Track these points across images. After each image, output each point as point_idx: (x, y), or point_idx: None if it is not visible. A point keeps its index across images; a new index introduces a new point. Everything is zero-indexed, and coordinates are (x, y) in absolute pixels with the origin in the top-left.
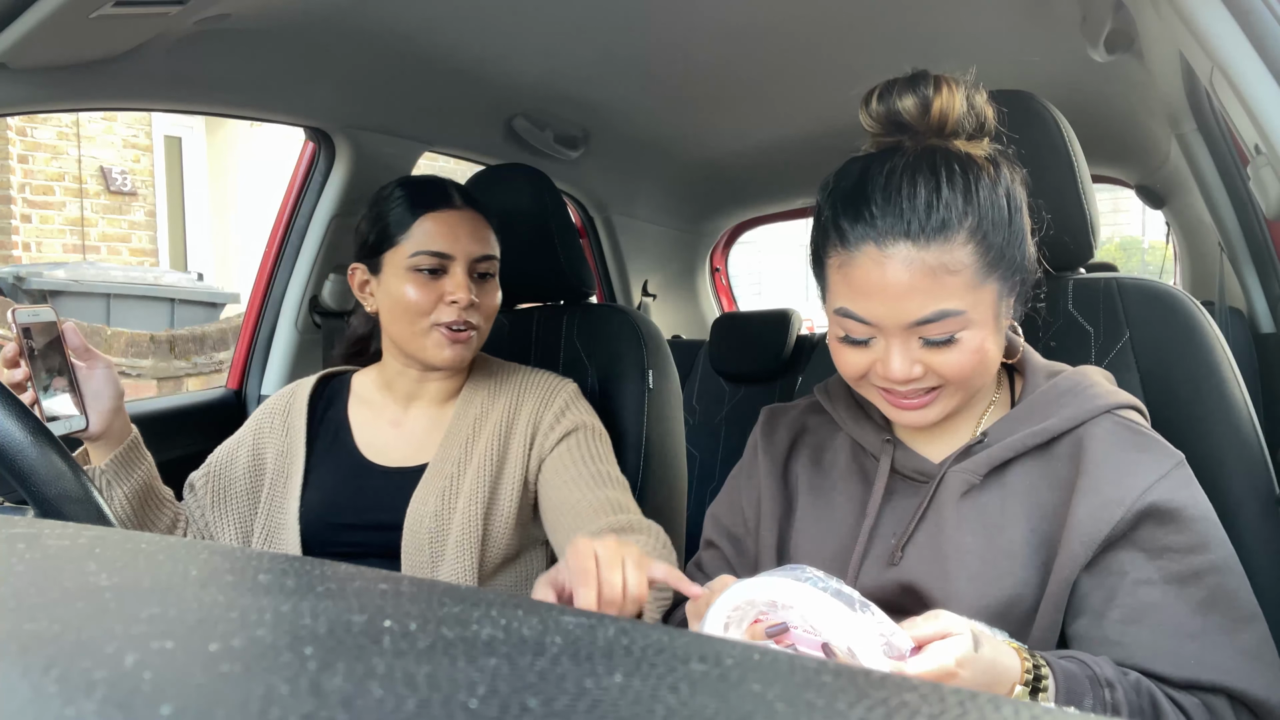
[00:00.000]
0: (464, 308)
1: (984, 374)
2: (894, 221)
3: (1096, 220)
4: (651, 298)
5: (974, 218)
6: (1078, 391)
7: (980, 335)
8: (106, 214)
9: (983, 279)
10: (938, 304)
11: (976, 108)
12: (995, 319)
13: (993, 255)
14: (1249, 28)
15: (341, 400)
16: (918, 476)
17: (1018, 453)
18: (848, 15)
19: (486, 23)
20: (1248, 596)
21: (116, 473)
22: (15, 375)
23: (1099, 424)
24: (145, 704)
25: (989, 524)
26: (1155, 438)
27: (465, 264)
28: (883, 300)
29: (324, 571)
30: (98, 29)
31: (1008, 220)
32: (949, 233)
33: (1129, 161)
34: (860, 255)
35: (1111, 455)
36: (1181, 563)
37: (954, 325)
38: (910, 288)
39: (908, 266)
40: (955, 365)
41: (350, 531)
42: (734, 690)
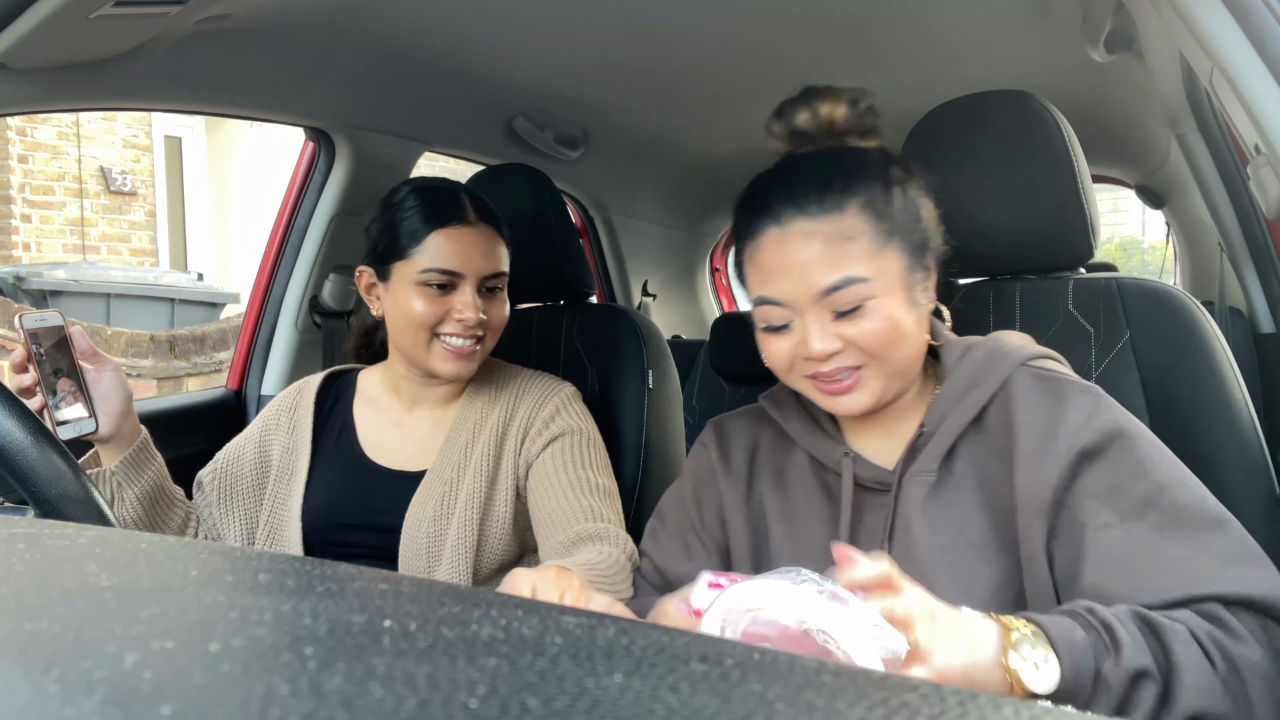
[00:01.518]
0: (474, 325)
1: (902, 349)
2: (790, 203)
3: (1096, 220)
4: (651, 298)
5: (864, 194)
6: (993, 356)
7: (889, 304)
8: (106, 214)
9: (882, 245)
10: (841, 271)
11: (861, 109)
12: (905, 291)
13: (888, 224)
14: (1249, 28)
15: (347, 399)
16: (878, 486)
17: (957, 435)
18: (848, 16)
19: (486, 23)
20: (1206, 504)
21: (127, 474)
22: (24, 380)
23: (1015, 382)
24: (145, 704)
25: (954, 519)
26: (1067, 379)
27: (475, 281)
28: (788, 276)
29: (324, 571)
30: (98, 29)
31: (901, 198)
32: (841, 204)
33: (1129, 161)
34: (765, 239)
35: (1033, 412)
36: (1132, 494)
37: (861, 291)
38: (813, 258)
39: (807, 239)
40: (870, 335)
41: (351, 531)
42: (734, 690)
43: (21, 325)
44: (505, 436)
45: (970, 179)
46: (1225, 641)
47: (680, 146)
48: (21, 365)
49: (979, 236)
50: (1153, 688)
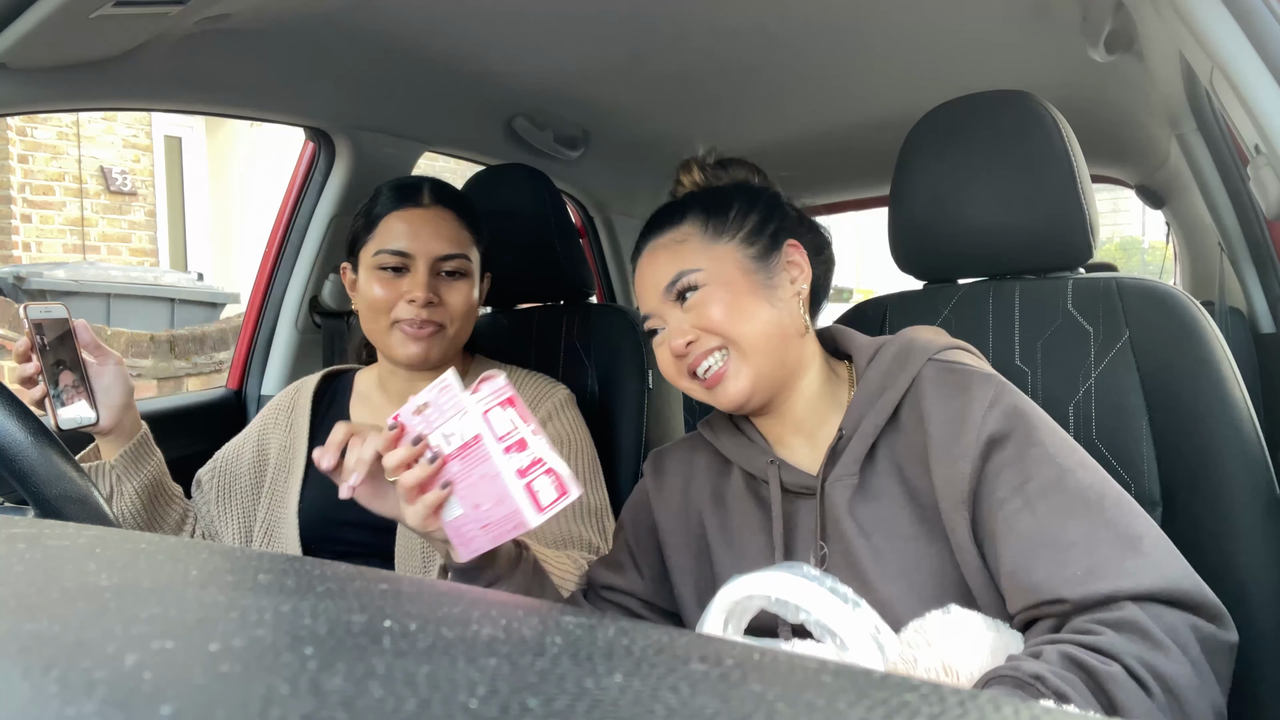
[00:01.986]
0: (421, 306)
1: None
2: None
3: (1096, 220)
4: None
5: (696, 209)
6: (902, 354)
7: (724, 288)
8: (106, 214)
9: (712, 242)
10: (676, 267)
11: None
12: (745, 277)
13: (718, 226)
14: (1249, 28)
15: (344, 398)
16: (806, 491)
17: (875, 436)
18: (848, 16)
19: (486, 23)
20: (1108, 487)
21: (127, 468)
22: (27, 370)
23: (924, 376)
24: (145, 704)
25: (882, 517)
26: (971, 370)
27: (427, 263)
28: (651, 286)
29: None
30: (98, 29)
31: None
32: (676, 220)
33: (1129, 161)
34: (638, 265)
35: (940, 406)
36: (1036, 477)
37: (693, 279)
38: (662, 263)
39: (653, 253)
40: (709, 314)
41: (348, 529)
42: (734, 690)
43: (26, 315)
44: None
45: (970, 179)
46: (1155, 662)
47: (680, 146)
48: (25, 355)
49: (979, 236)
50: None
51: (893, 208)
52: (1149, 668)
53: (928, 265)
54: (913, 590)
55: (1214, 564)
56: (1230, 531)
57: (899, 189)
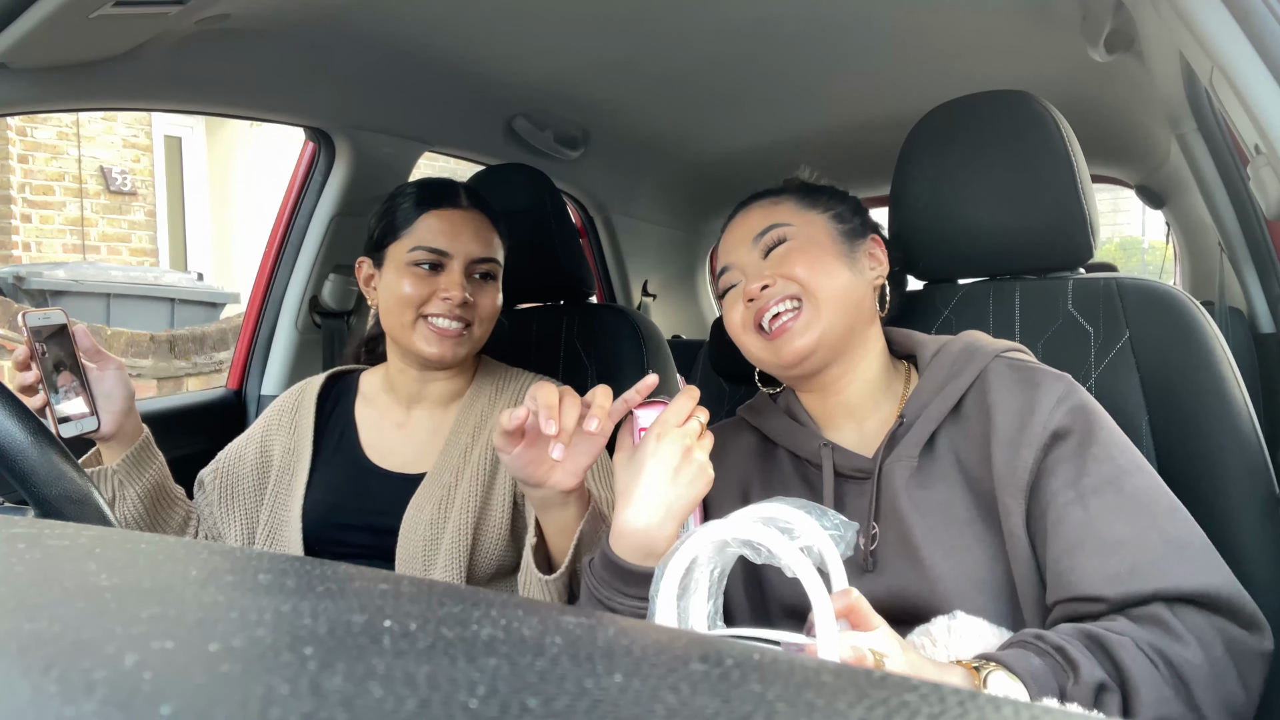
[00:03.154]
0: (456, 305)
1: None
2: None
3: (1096, 220)
4: (651, 298)
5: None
6: (968, 349)
7: (811, 242)
8: (106, 214)
9: (805, 207)
10: (769, 220)
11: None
12: (833, 243)
13: (810, 201)
14: (1249, 28)
15: (349, 399)
16: (858, 474)
17: (938, 423)
18: (848, 16)
19: (486, 23)
20: (1161, 494)
21: (129, 472)
22: (27, 378)
23: (992, 371)
24: (145, 704)
25: (939, 501)
26: (1040, 369)
27: (463, 263)
28: (740, 237)
29: (324, 571)
30: (98, 29)
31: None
32: (773, 193)
33: (1129, 161)
34: (730, 224)
35: (1010, 399)
36: (1093, 475)
37: (782, 232)
38: (755, 218)
39: (748, 211)
40: (792, 263)
41: (351, 532)
42: (734, 690)
43: (25, 323)
44: None
45: (970, 179)
46: (1166, 647)
47: (680, 146)
48: (24, 363)
49: (979, 236)
50: (1115, 698)
51: (893, 208)
52: (1158, 651)
53: (928, 265)
54: (963, 572)
55: None
56: (1230, 531)
57: (899, 189)
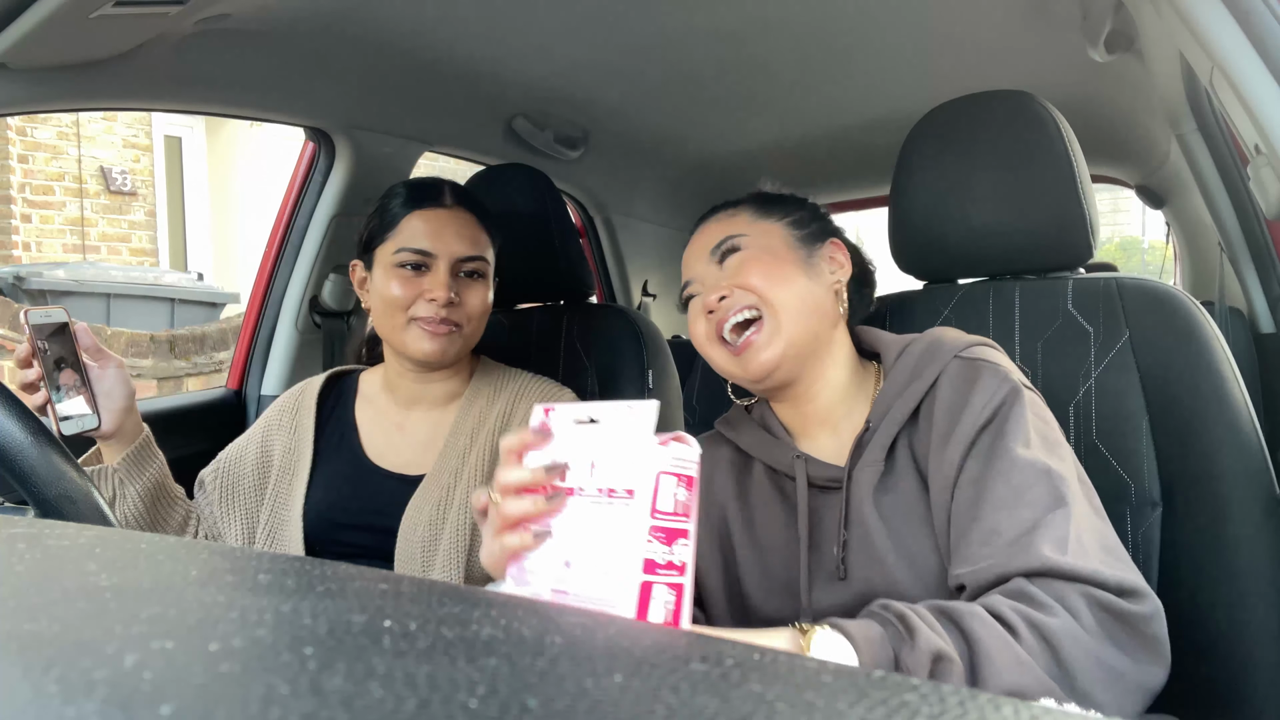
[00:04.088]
0: (442, 305)
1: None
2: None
3: (1096, 220)
4: (651, 298)
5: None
6: (931, 349)
7: (765, 252)
8: (106, 214)
9: (760, 217)
10: (723, 233)
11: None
12: (789, 250)
13: (766, 210)
14: (1249, 28)
15: (349, 400)
16: (832, 484)
17: (899, 426)
18: (848, 16)
19: (486, 23)
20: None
21: (129, 471)
22: (28, 375)
23: (947, 372)
24: (145, 704)
25: (900, 504)
26: (987, 363)
27: (449, 262)
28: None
29: (324, 571)
30: (98, 29)
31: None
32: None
33: (1129, 161)
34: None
35: (949, 396)
36: (991, 468)
37: (736, 241)
38: (711, 232)
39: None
40: (747, 273)
41: (351, 532)
42: (734, 690)
43: (27, 320)
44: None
45: (970, 179)
46: (1030, 612)
47: (680, 146)
48: (26, 360)
49: (979, 236)
50: (956, 668)
51: (893, 208)
52: (1022, 615)
53: (928, 265)
54: (922, 572)
55: (1214, 564)
56: (1230, 531)
57: (899, 189)
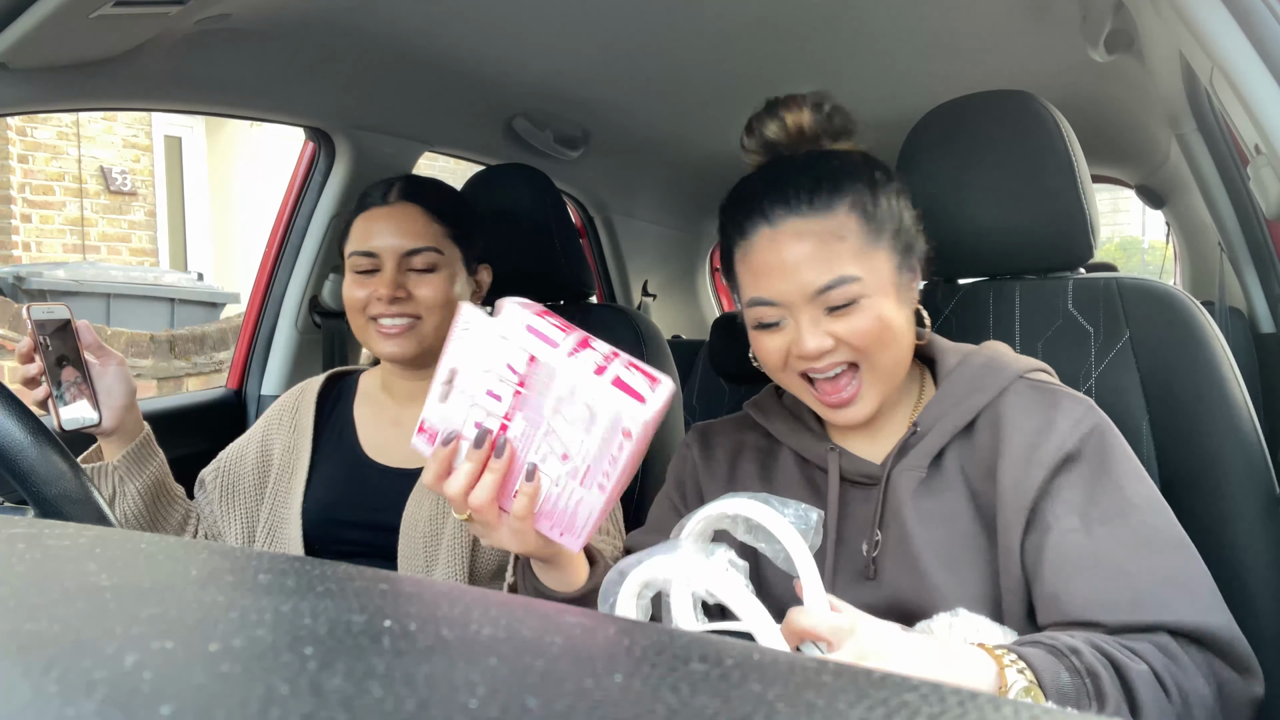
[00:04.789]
0: (388, 303)
1: (895, 348)
2: (781, 204)
3: (1096, 220)
4: (651, 298)
5: (852, 194)
6: (991, 365)
7: (880, 302)
8: (106, 214)
9: (872, 245)
10: (834, 270)
11: (828, 112)
12: (895, 289)
13: (875, 225)
14: (1249, 28)
15: (348, 399)
16: (865, 480)
17: (950, 436)
18: (848, 16)
19: (486, 23)
20: (1170, 528)
21: (129, 468)
22: (30, 370)
23: (1012, 390)
24: (145, 704)
25: (945, 514)
26: (1064, 391)
27: (394, 259)
28: (783, 275)
29: (324, 571)
30: (98, 29)
31: (885, 198)
32: (832, 204)
33: (1129, 161)
34: (757, 239)
35: (1026, 419)
36: (1101, 504)
37: (852, 290)
38: (806, 257)
39: (798, 238)
40: (863, 332)
41: (351, 529)
42: (734, 690)
43: (29, 316)
44: None
45: (970, 179)
46: (1179, 675)
47: (680, 146)
48: (27, 355)
49: (979, 236)
50: None
51: None
52: (1173, 677)
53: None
54: (961, 585)
55: (1214, 564)
56: (1230, 531)
57: None
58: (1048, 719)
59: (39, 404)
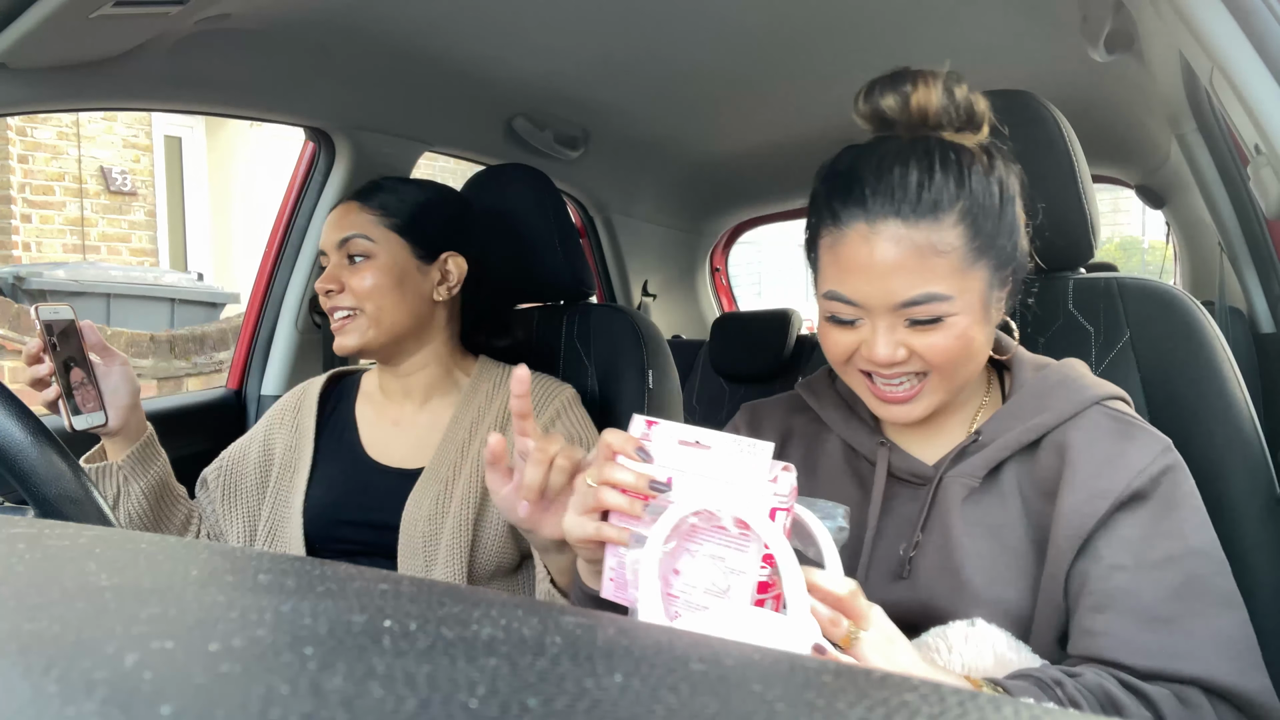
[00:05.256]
0: (325, 295)
1: (969, 365)
2: (885, 199)
3: (1096, 220)
4: (651, 298)
5: (965, 201)
6: (1067, 385)
7: (966, 322)
8: (106, 214)
9: (971, 264)
10: (925, 286)
11: (958, 100)
12: (983, 309)
13: (981, 241)
14: (1249, 28)
15: (350, 398)
16: (913, 479)
17: (1013, 451)
18: (848, 16)
19: (486, 23)
20: (1225, 584)
21: (134, 468)
22: (40, 371)
23: (1087, 416)
24: (145, 704)
25: (993, 526)
26: (1142, 426)
27: (335, 253)
28: (869, 279)
29: (324, 571)
30: (98, 29)
31: (998, 209)
32: (939, 213)
33: (1129, 161)
34: (850, 232)
35: (1097, 447)
36: (1157, 548)
37: (940, 309)
38: (898, 266)
39: (896, 244)
40: (940, 349)
41: (352, 529)
42: (734, 690)
43: (38, 316)
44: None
45: None
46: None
47: (680, 146)
48: (37, 356)
49: None
50: None
51: None
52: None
53: None
54: (1000, 601)
55: None
56: (1230, 531)
57: None
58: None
59: (49, 404)
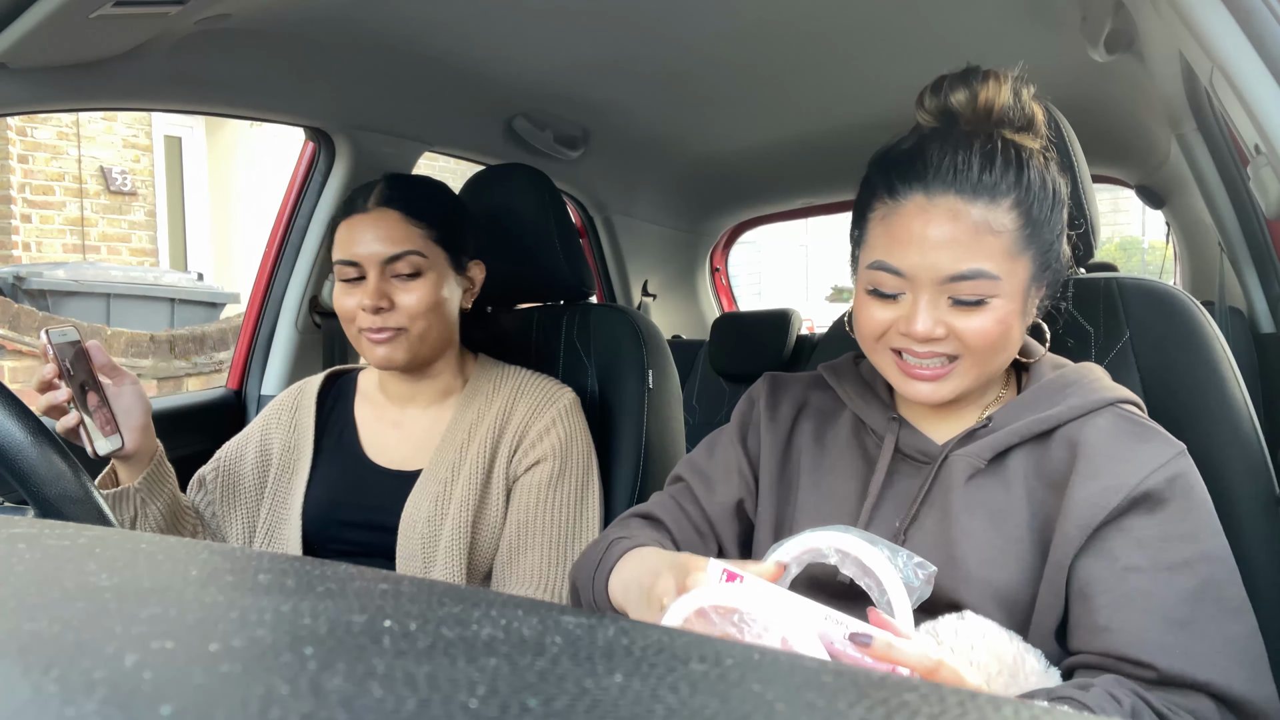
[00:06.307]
0: (372, 313)
1: (1001, 355)
2: (946, 176)
3: (1096, 220)
4: (651, 298)
5: (1020, 190)
6: (1083, 384)
7: (1008, 309)
8: (106, 214)
9: (1020, 251)
10: (975, 261)
11: (1023, 101)
12: (1024, 299)
13: (1033, 230)
14: (1249, 28)
15: (348, 398)
16: (920, 457)
17: (1021, 439)
18: (848, 16)
19: (486, 23)
20: (1237, 590)
21: (150, 490)
22: (58, 397)
23: (1101, 416)
24: (145, 704)
25: (994, 510)
26: (1157, 430)
27: (377, 268)
28: (922, 250)
29: (324, 571)
30: (98, 29)
31: (1050, 207)
32: (996, 195)
33: (1129, 161)
34: (907, 204)
35: (1112, 444)
36: (1172, 551)
37: (986, 288)
38: (951, 239)
39: (953, 218)
40: (979, 332)
41: (351, 529)
42: (734, 690)
43: (49, 340)
44: (500, 440)
45: None
46: None
47: (680, 146)
48: (50, 382)
49: None
50: None
51: None
52: None
53: None
54: (992, 585)
55: None
56: (1230, 532)
57: None
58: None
59: (70, 432)
